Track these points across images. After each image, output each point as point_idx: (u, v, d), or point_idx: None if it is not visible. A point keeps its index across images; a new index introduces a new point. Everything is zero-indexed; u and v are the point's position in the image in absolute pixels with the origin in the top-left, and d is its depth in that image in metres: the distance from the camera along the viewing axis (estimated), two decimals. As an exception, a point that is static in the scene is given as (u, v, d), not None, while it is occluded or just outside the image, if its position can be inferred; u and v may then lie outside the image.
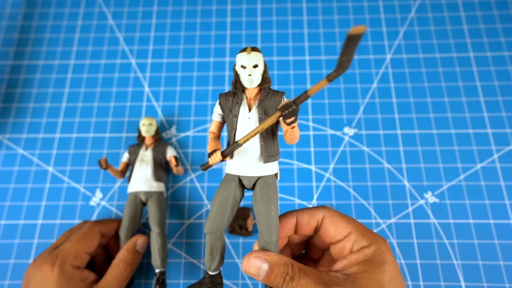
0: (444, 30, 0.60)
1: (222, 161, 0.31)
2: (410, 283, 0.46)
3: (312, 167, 0.52)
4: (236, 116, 0.31)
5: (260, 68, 0.30)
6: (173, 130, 0.55)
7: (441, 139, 0.53)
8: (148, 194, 0.47)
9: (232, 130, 0.31)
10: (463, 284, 0.45)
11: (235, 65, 0.31)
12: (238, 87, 0.31)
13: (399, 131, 0.53)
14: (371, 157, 0.52)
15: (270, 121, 0.28)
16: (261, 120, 0.30)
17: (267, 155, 0.30)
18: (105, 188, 0.52)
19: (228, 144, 0.31)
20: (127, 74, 0.59)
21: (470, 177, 0.50)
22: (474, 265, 0.46)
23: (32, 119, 0.56)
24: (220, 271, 0.33)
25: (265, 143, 0.30)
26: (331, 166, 0.52)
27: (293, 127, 0.27)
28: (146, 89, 0.58)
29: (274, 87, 0.57)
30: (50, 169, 0.53)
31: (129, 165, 0.50)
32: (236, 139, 0.30)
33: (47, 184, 0.52)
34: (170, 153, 0.49)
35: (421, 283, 0.46)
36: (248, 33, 0.61)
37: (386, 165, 0.52)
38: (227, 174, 0.32)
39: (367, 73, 0.57)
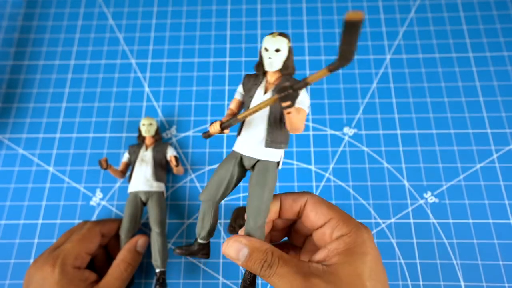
0: (443, 30, 0.60)
1: (221, 133, 0.32)
2: (409, 283, 0.46)
3: (312, 167, 0.52)
4: (252, 97, 0.31)
5: (283, 53, 0.29)
6: (173, 130, 0.55)
7: (441, 139, 0.53)
8: (148, 194, 0.47)
9: (245, 107, 0.32)
10: (462, 284, 0.46)
11: (261, 47, 0.31)
12: (260, 70, 0.31)
13: (398, 131, 0.54)
14: (371, 157, 0.52)
15: (268, 102, 0.28)
16: (271, 109, 0.30)
17: (270, 140, 0.30)
18: (105, 188, 0.52)
19: (241, 125, 0.32)
20: (127, 74, 0.59)
21: (469, 177, 0.51)
22: (473, 265, 0.46)
23: (32, 119, 0.56)
24: (209, 242, 0.34)
25: (271, 129, 0.30)
26: (331, 166, 0.52)
27: (288, 113, 0.27)
28: (146, 89, 0.58)
29: (274, 87, 0.57)
30: (50, 169, 0.53)
31: (129, 165, 0.50)
32: (249, 119, 0.31)
33: (47, 184, 0.52)
34: (170, 153, 0.49)
35: (421, 283, 0.46)
36: (248, 33, 0.61)
37: (385, 165, 0.52)
38: (233, 151, 0.32)
39: (367, 73, 0.57)
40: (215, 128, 0.31)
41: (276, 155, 0.31)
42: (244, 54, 0.60)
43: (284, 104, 0.26)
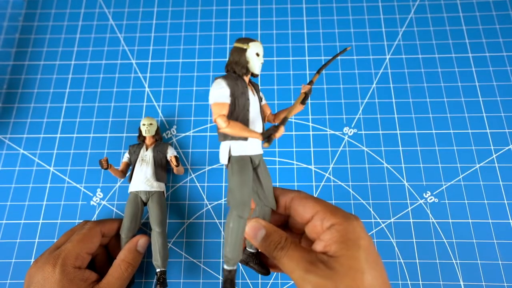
0: (443, 31, 0.60)
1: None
2: (409, 282, 0.46)
3: (312, 167, 0.52)
4: (249, 99, 0.32)
5: None
6: (173, 130, 0.55)
7: (440, 139, 0.53)
8: (149, 194, 0.47)
9: (244, 110, 0.31)
10: (462, 283, 0.46)
11: (239, 48, 0.31)
12: (240, 71, 0.32)
13: (398, 131, 0.54)
14: (371, 157, 0.52)
15: (298, 101, 0.32)
16: (260, 105, 0.34)
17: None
18: (105, 188, 0.52)
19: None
20: (128, 74, 0.59)
21: (469, 177, 0.51)
22: (473, 264, 0.46)
23: (33, 119, 0.56)
24: (258, 251, 0.34)
25: (264, 125, 0.34)
26: (331, 166, 0.52)
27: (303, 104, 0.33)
28: (147, 89, 0.58)
29: (274, 87, 0.57)
30: (51, 169, 0.53)
31: (130, 165, 0.50)
32: (252, 120, 0.32)
33: (48, 184, 0.52)
34: (171, 153, 0.50)
35: (420, 282, 0.46)
36: (248, 34, 0.61)
37: (385, 165, 0.52)
38: (241, 157, 0.31)
39: (367, 73, 0.58)
40: (281, 131, 0.29)
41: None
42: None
43: (305, 101, 0.33)
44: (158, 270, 0.45)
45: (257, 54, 0.31)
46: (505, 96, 0.55)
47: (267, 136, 0.28)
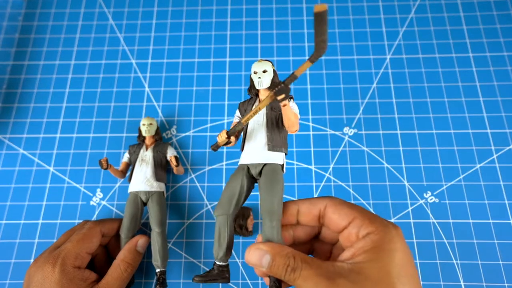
0: (443, 30, 0.60)
1: (227, 143, 0.35)
2: (409, 282, 0.46)
3: (312, 167, 0.52)
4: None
5: (269, 73, 0.35)
6: (173, 130, 0.55)
7: (441, 139, 0.53)
8: (149, 194, 0.47)
9: (245, 124, 0.34)
10: (462, 283, 0.46)
11: (251, 74, 0.36)
12: (252, 92, 0.36)
13: (398, 131, 0.54)
14: (371, 157, 0.52)
15: (266, 101, 0.31)
16: (268, 115, 0.35)
17: (272, 145, 0.34)
18: (105, 188, 0.52)
19: (243, 141, 0.36)
20: (128, 74, 0.59)
21: (469, 177, 0.51)
22: (473, 264, 0.46)
23: (33, 119, 0.56)
24: (228, 264, 0.34)
25: (270, 134, 0.34)
26: (331, 166, 0.52)
27: (284, 105, 0.31)
28: (147, 89, 0.58)
29: (274, 87, 0.57)
30: (51, 169, 0.53)
31: (130, 165, 0.50)
32: (247, 135, 0.35)
33: (48, 184, 0.52)
34: (171, 153, 0.50)
35: (421, 282, 0.46)
36: (248, 33, 0.61)
37: (385, 165, 0.52)
38: (239, 165, 0.35)
39: (367, 73, 0.57)
40: (222, 136, 0.34)
41: (279, 158, 0.33)
42: (245, 54, 0.60)
43: (279, 97, 0.29)
44: (158, 270, 0.45)
45: (255, 72, 0.35)
46: (506, 96, 0.55)
47: (214, 144, 0.35)
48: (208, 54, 0.60)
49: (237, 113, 0.38)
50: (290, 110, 0.32)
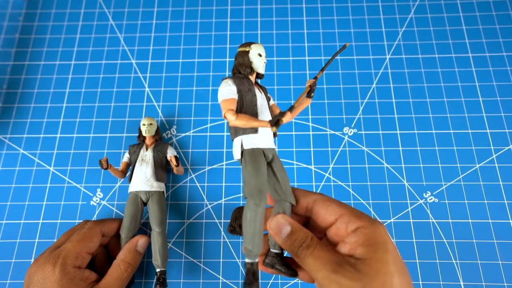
0: (443, 31, 0.60)
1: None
2: (409, 282, 0.46)
3: (312, 167, 0.52)
4: (255, 95, 0.34)
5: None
6: (173, 130, 0.55)
7: (440, 139, 0.53)
8: (149, 194, 0.47)
9: (251, 105, 0.33)
10: (462, 283, 0.46)
11: (242, 52, 0.34)
12: (245, 71, 0.34)
13: (398, 131, 0.54)
14: (371, 157, 0.52)
15: (304, 93, 0.33)
16: (267, 99, 0.35)
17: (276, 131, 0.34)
18: (105, 188, 0.52)
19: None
20: (128, 74, 0.59)
21: (469, 177, 0.51)
22: (473, 264, 0.46)
23: (33, 119, 0.56)
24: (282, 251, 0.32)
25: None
26: (331, 166, 0.52)
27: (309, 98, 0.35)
28: (147, 89, 0.58)
29: (274, 87, 0.57)
30: (51, 169, 0.53)
31: (130, 165, 0.50)
32: (259, 113, 0.33)
33: (48, 184, 0.52)
34: (171, 153, 0.50)
35: (420, 282, 0.46)
36: (248, 34, 0.61)
37: (385, 165, 0.52)
38: (253, 149, 0.32)
39: (367, 73, 0.58)
40: (288, 116, 0.29)
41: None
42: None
43: (311, 95, 0.35)
44: (158, 270, 0.45)
45: (259, 55, 0.34)
46: (505, 96, 0.55)
47: (275, 121, 0.28)
48: (208, 54, 0.60)
49: (233, 88, 0.33)
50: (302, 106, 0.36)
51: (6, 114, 0.57)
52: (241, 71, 0.34)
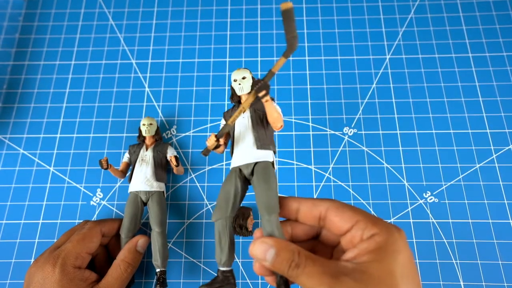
0: (443, 31, 0.60)
1: (217, 147, 0.37)
2: (409, 282, 0.46)
3: (312, 167, 0.52)
4: (234, 124, 0.38)
5: (248, 79, 0.37)
6: (173, 130, 0.55)
7: (440, 139, 0.53)
8: (149, 194, 0.47)
9: (232, 124, 0.36)
10: (462, 283, 0.46)
11: (231, 83, 0.38)
12: (234, 99, 0.39)
13: (398, 131, 0.54)
14: (371, 157, 0.52)
15: (249, 99, 0.32)
16: (252, 117, 0.37)
17: (260, 143, 0.35)
18: (105, 188, 0.52)
19: (232, 146, 0.37)
20: (128, 74, 0.59)
21: (469, 177, 0.51)
22: (473, 264, 0.46)
23: (33, 119, 0.56)
24: (232, 269, 0.34)
25: (257, 134, 0.36)
26: (331, 166, 0.52)
27: (266, 101, 0.32)
28: (147, 89, 0.58)
29: (274, 87, 0.57)
30: (51, 169, 0.53)
31: (130, 165, 0.51)
32: (236, 136, 0.37)
33: (48, 184, 0.52)
34: (171, 153, 0.50)
35: (421, 284, 0.46)
36: (248, 34, 0.61)
37: (385, 165, 0.52)
38: (231, 168, 0.36)
39: (367, 73, 0.58)
40: (211, 140, 0.36)
41: (268, 155, 0.35)
42: (245, 54, 0.60)
43: (261, 94, 0.31)
44: (158, 270, 0.45)
45: (235, 80, 0.38)
46: (505, 96, 0.55)
47: (205, 151, 0.38)
48: (208, 54, 0.60)
49: (222, 121, 0.40)
50: (272, 106, 0.34)
51: (6, 114, 0.57)
52: (232, 101, 0.40)
